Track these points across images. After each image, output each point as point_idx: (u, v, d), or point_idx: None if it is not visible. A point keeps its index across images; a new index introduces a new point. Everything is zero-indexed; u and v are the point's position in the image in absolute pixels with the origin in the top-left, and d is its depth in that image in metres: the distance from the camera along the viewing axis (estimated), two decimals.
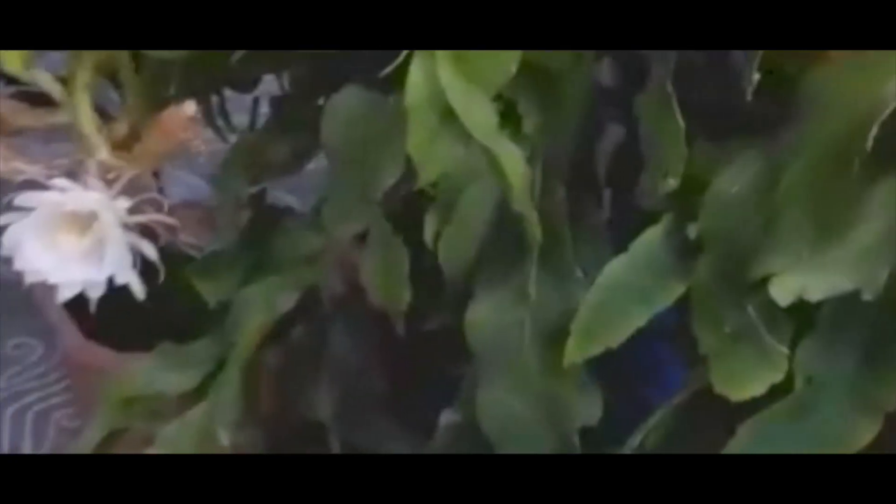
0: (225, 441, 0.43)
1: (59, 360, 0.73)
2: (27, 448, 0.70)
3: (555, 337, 0.41)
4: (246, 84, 0.53)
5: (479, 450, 0.45)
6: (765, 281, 0.34)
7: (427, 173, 0.38)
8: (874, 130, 0.29)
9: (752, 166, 0.34)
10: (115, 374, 0.47)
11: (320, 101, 0.45)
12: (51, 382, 0.75)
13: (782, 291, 0.33)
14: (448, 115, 0.35)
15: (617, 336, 0.38)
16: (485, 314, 0.44)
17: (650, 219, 0.38)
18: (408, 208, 0.48)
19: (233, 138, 0.54)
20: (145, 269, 0.44)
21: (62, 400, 0.72)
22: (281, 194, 0.55)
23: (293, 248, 0.48)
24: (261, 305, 0.45)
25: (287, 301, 0.45)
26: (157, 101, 0.41)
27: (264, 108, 0.53)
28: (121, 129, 0.43)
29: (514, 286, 0.43)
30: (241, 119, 0.57)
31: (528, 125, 0.43)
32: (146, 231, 0.42)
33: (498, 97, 0.43)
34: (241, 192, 0.48)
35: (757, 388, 0.37)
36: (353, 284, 0.49)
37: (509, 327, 0.43)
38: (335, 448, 0.52)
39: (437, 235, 0.45)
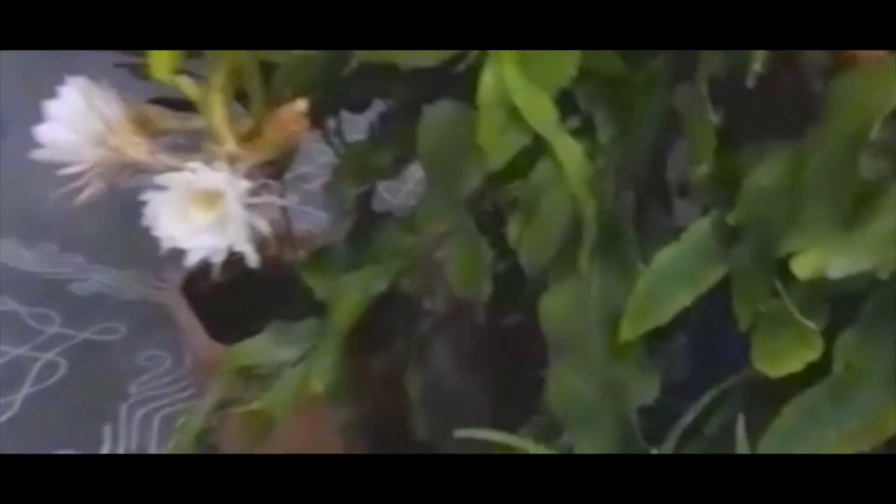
0: (319, 388, 0.49)
1: (187, 369, 0.81)
2: (153, 447, 0.77)
3: (617, 323, 0.46)
4: (360, 106, 0.60)
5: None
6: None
7: (495, 161, 0.43)
8: (878, 127, 0.34)
9: (782, 161, 0.38)
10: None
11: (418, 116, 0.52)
12: (178, 390, 0.83)
13: (803, 267, 0.37)
14: (514, 112, 0.41)
15: (665, 315, 0.42)
16: (556, 305, 0.49)
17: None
18: (491, 217, 0.54)
19: None
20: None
21: (188, 406, 0.79)
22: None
23: (390, 245, 0.54)
24: (358, 287, 0.51)
25: (380, 285, 0.51)
26: (276, 102, 0.48)
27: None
28: (246, 125, 0.50)
29: (582, 279, 0.48)
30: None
31: (603, 136, 0.48)
32: (263, 210, 0.49)
33: (575, 110, 0.49)
34: (349, 194, 0.55)
35: (793, 366, 0.41)
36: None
37: (577, 315, 0.48)
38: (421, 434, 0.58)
39: (520, 238, 0.50)
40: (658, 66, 0.46)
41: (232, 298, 0.67)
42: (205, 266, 0.64)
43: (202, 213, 0.48)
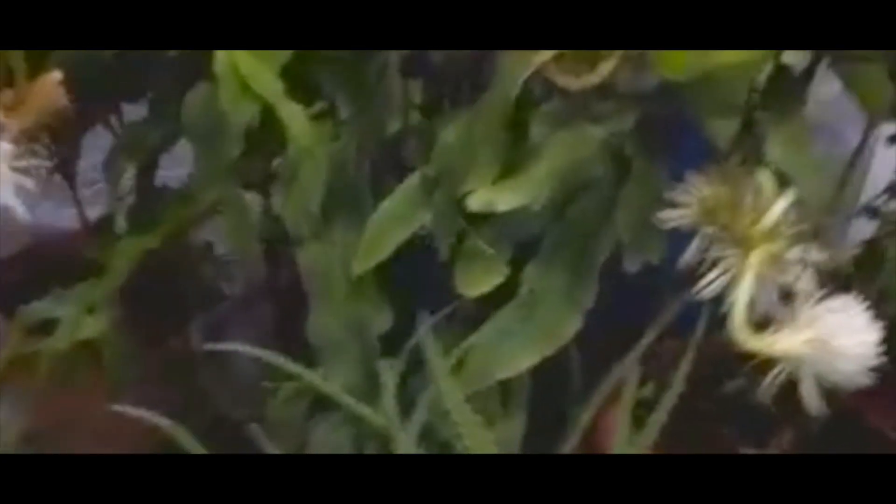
0: (103, 325, 0.57)
1: None
2: None
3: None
4: (136, 97, 0.68)
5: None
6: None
7: (235, 125, 0.52)
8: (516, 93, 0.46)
9: (462, 123, 0.49)
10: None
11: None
12: None
13: (476, 203, 0.49)
14: (244, 82, 0.50)
15: (386, 250, 0.53)
16: (310, 258, 0.58)
17: None
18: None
19: None
20: None
21: None
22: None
23: (169, 214, 0.62)
24: (131, 246, 0.59)
25: (153, 242, 0.59)
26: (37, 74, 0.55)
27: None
28: (7, 97, 0.56)
29: (330, 233, 0.58)
30: None
31: (344, 114, 0.58)
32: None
33: (320, 96, 0.58)
34: (125, 171, 0.63)
35: (484, 287, 0.53)
36: None
37: (326, 265, 0.58)
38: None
39: (284, 204, 0.59)
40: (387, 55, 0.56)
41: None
42: None
43: None
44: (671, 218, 0.51)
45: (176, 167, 0.68)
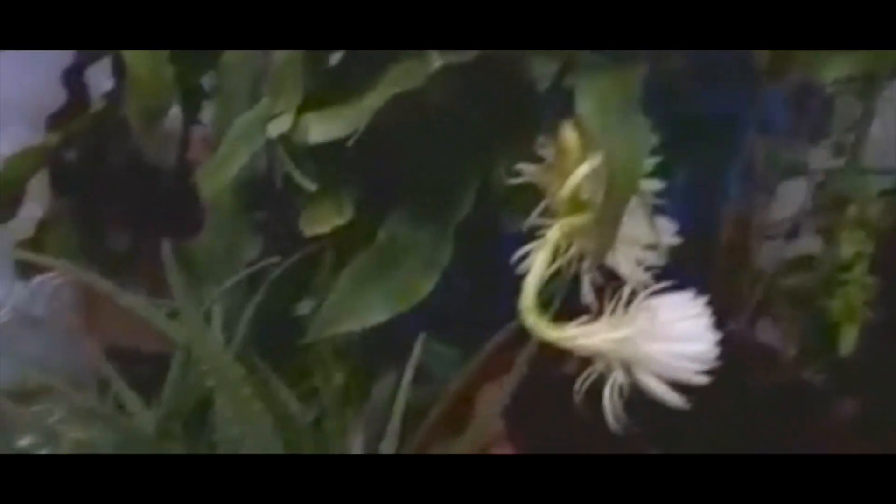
0: None
1: None
2: None
3: None
4: None
5: None
6: None
7: None
8: None
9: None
10: None
11: None
12: None
13: (279, 127, 0.44)
14: None
15: (231, 170, 0.49)
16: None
17: None
18: None
19: None
20: None
21: None
22: None
23: None
24: None
25: None
26: None
27: None
28: None
29: None
30: None
31: None
32: None
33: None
34: None
35: (323, 228, 0.48)
36: None
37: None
38: None
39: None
40: None
41: None
42: None
43: None
44: (526, 173, 0.43)
45: None
